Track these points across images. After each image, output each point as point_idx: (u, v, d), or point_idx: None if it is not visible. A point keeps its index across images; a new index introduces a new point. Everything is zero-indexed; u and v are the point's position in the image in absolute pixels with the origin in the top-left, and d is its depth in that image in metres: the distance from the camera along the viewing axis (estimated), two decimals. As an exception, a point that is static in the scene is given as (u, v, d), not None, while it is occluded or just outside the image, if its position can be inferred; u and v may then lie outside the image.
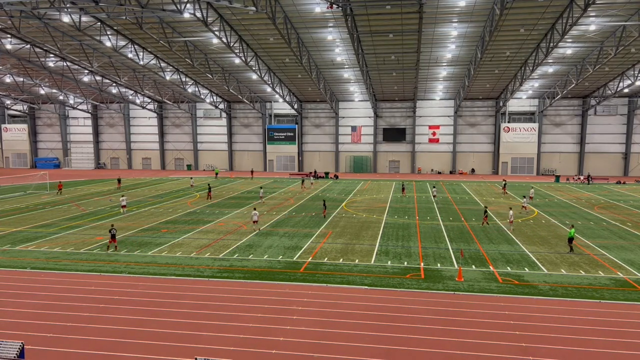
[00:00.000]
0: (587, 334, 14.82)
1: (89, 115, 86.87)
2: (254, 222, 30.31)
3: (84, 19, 41.88)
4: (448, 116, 77.43)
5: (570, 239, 25.06)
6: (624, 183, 62.46)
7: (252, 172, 70.39)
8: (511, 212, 31.86)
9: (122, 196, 38.99)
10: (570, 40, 45.93)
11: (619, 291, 18.84)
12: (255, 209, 31.21)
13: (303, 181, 57.84)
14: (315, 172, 72.95)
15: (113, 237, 25.18)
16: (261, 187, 48.76)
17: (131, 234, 29.31)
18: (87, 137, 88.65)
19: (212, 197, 45.03)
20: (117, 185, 54.85)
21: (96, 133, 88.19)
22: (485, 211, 32.95)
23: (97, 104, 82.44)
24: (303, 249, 25.75)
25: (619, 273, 21.30)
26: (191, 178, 58.73)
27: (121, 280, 20.27)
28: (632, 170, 72.81)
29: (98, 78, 66.93)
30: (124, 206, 36.94)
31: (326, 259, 23.64)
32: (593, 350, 13.78)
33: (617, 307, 17.16)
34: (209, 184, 47.86)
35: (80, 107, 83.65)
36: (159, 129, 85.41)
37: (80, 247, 26.15)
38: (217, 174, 70.05)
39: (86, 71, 63.20)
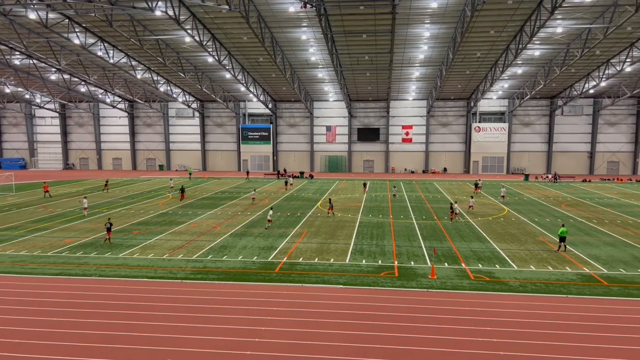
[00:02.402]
0: (557, 329, 15.25)
1: (57, 114, 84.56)
2: (268, 221, 31.91)
3: (51, 15, 40.69)
4: (421, 116, 78.43)
5: (562, 238, 24.92)
6: (589, 181, 64.48)
7: (247, 173, 69.41)
8: (456, 204, 35.01)
9: (84, 198, 38.36)
10: (538, 42, 47.17)
11: (585, 286, 19.44)
12: (271, 208, 33.92)
13: (286, 182, 57.13)
14: (278, 172, 72.71)
15: (108, 230, 26.55)
16: (255, 190, 47.59)
17: (101, 236, 28.64)
18: (54, 137, 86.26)
19: (184, 198, 44.64)
20: (104, 187, 52.41)
21: (64, 133, 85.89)
22: (451, 207, 34.50)
23: (66, 103, 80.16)
24: (278, 249, 25.66)
25: (584, 269, 21.98)
26: (170, 179, 56.49)
27: (91, 283, 19.79)
28: (597, 169, 75.26)
29: (66, 76, 65.08)
30: (85, 208, 36.73)
31: (301, 258, 23.63)
32: (562, 344, 14.18)
33: (584, 301, 17.72)
34: (182, 186, 47.14)
35: (47, 106, 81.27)
36: (130, 128, 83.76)
37: (47, 250, 25.42)
38: (190, 174, 69.09)
39: (53, 69, 61.42)
